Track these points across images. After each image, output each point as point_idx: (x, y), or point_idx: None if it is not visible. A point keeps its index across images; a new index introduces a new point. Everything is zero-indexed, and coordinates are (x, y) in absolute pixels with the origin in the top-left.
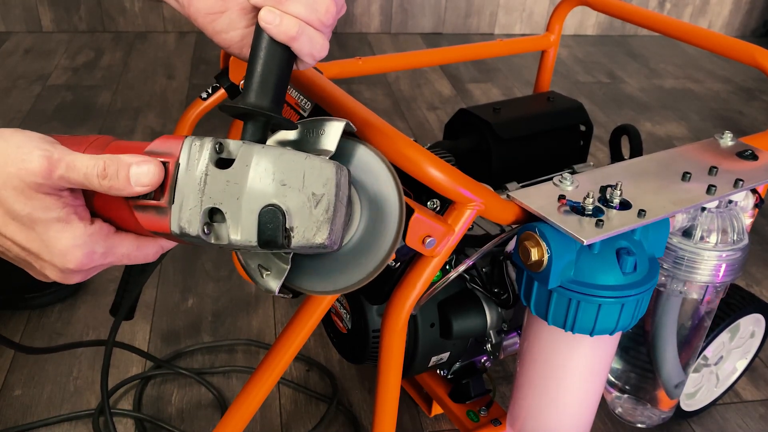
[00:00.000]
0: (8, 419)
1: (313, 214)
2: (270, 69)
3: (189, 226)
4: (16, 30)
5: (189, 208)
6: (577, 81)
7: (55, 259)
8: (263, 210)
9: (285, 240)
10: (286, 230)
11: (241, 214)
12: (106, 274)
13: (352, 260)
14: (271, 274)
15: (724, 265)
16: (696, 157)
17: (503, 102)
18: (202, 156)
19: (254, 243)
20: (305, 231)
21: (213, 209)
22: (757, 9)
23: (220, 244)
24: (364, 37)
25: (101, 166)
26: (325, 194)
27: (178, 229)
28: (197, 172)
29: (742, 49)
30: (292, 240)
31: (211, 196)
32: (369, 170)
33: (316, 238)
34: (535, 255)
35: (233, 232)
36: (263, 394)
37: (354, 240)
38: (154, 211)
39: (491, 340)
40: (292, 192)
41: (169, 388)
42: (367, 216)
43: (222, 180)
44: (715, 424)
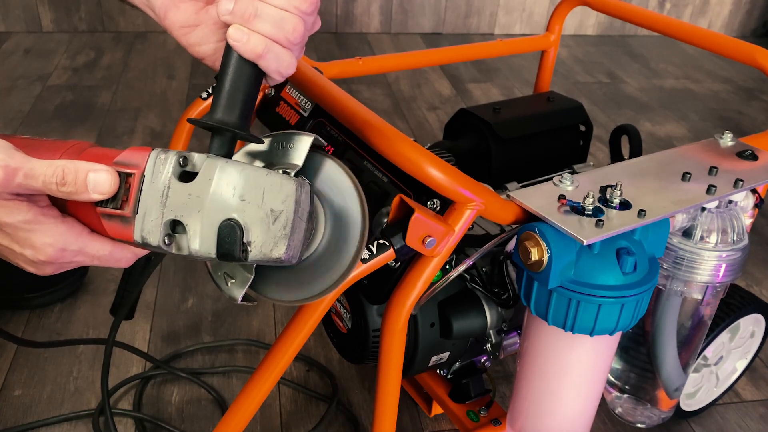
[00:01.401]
0: (8, 419)
1: (270, 229)
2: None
3: (150, 237)
4: (16, 30)
5: (151, 219)
6: (577, 81)
7: (26, 252)
8: (222, 224)
9: (242, 254)
10: (244, 244)
11: (201, 226)
12: (106, 274)
13: (315, 271)
14: (235, 282)
15: (724, 265)
16: (696, 157)
17: (503, 102)
18: (166, 169)
19: (213, 255)
20: (262, 246)
21: (175, 221)
22: (757, 9)
23: (180, 254)
24: (364, 37)
25: (60, 173)
26: (283, 210)
27: (140, 238)
28: (160, 184)
29: (742, 49)
30: (249, 254)
31: (172, 208)
32: (335, 185)
33: (273, 252)
34: (535, 255)
35: (193, 244)
36: (263, 394)
37: (318, 251)
38: (119, 219)
39: (491, 340)
40: (251, 207)
41: (169, 388)
42: (331, 229)
43: (184, 193)
44: (715, 424)
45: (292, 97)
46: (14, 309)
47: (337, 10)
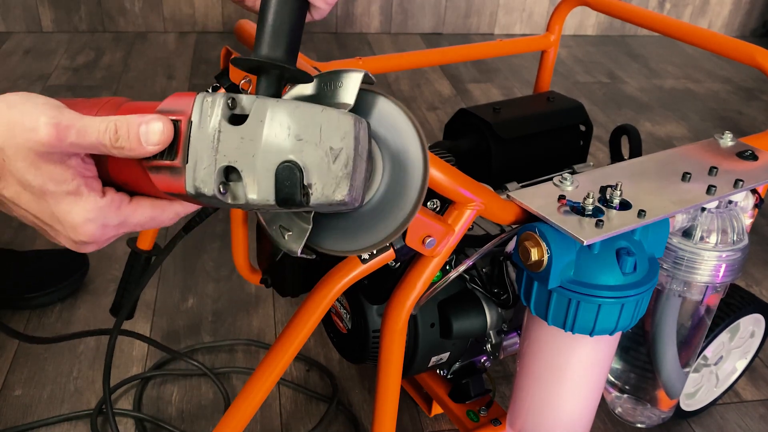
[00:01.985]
0: (8, 419)
1: (331, 169)
2: (282, 18)
3: (204, 186)
4: (16, 30)
5: (203, 168)
6: (577, 81)
7: (67, 232)
8: (280, 167)
9: (303, 197)
10: (304, 187)
11: (257, 171)
12: (106, 274)
13: (375, 218)
14: (292, 234)
15: (724, 265)
16: (696, 158)
17: (503, 102)
18: (215, 113)
19: (272, 202)
20: (324, 187)
21: (228, 167)
22: (756, 9)
23: (237, 203)
24: (364, 37)
25: (113, 128)
26: (343, 148)
27: (193, 189)
28: (210, 129)
29: (741, 49)
30: (310, 197)
31: (225, 154)
32: (390, 123)
33: (335, 194)
34: (535, 255)
35: (250, 191)
36: (263, 394)
37: (377, 197)
38: (168, 171)
39: (491, 340)
40: (309, 147)
41: (169, 388)
42: (390, 172)
43: (236, 137)
44: (715, 424)
45: None
46: (14, 309)
47: (337, 10)
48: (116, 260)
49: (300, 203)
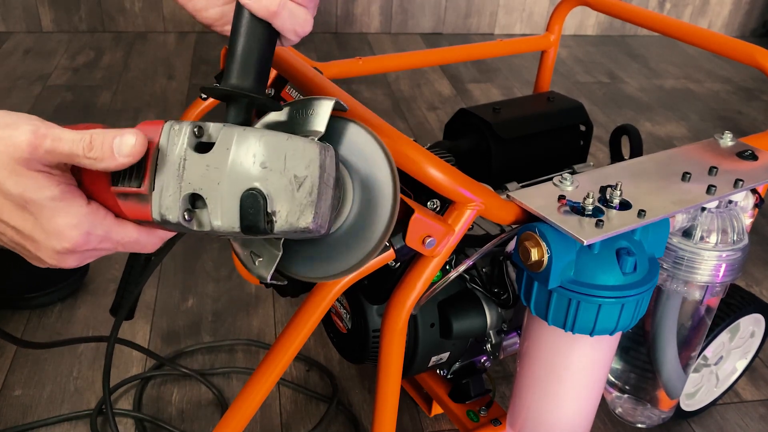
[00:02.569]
0: (8, 419)
1: (295, 197)
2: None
3: (169, 214)
4: (16, 30)
5: (169, 195)
6: (577, 81)
7: (51, 240)
8: (244, 195)
9: (267, 225)
10: (268, 215)
11: (222, 199)
12: (106, 274)
13: (345, 245)
14: (263, 260)
15: (724, 265)
16: (696, 158)
17: (503, 102)
18: (181, 141)
19: (237, 229)
20: (288, 215)
21: (194, 195)
22: (756, 9)
23: (202, 230)
24: (364, 37)
25: (87, 139)
26: (308, 176)
27: (159, 216)
28: (175, 157)
29: (742, 49)
30: (274, 225)
31: (190, 181)
32: (361, 150)
33: (299, 222)
34: (535, 255)
35: (214, 218)
36: (263, 394)
37: (347, 223)
38: (135, 198)
39: (491, 340)
40: (274, 175)
41: (169, 388)
42: (360, 198)
43: (202, 165)
44: (715, 424)
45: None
46: (14, 309)
47: (337, 10)
48: (116, 260)
49: (264, 231)
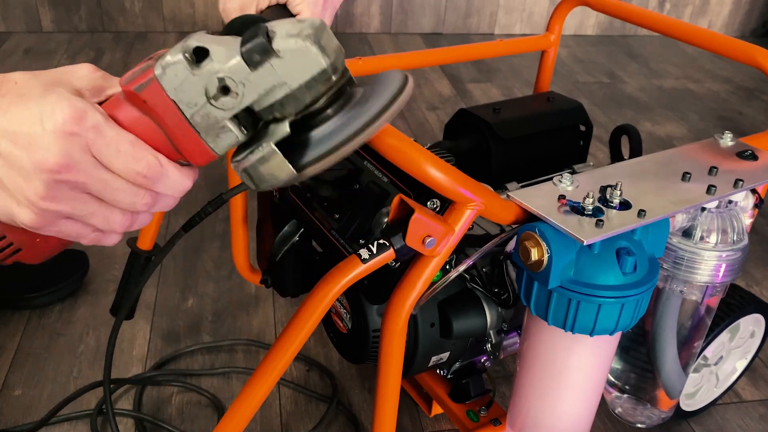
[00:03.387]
0: (8, 419)
1: (295, 23)
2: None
3: (170, 56)
4: (16, 30)
5: (172, 50)
6: (577, 81)
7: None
8: (245, 32)
9: (266, 39)
10: (268, 33)
11: (225, 44)
12: (106, 274)
13: (346, 121)
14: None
15: (724, 265)
16: (696, 158)
17: (503, 102)
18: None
19: (237, 57)
20: (288, 30)
21: (199, 48)
22: (756, 9)
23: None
24: (364, 37)
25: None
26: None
27: (160, 66)
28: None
29: (741, 49)
30: (274, 39)
31: (195, 40)
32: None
33: (300, 34)
34: (535, 255)
35: (216, 59)
36: (263, 394)
37: (355, 99)
38: (140, 71)
39: (491, 340)
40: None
41: (169, 388)
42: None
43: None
44: (715, 424)
45: None
46: (14, 309)
47: (338, 10)
48: (116, 260)
49: (264, 46)
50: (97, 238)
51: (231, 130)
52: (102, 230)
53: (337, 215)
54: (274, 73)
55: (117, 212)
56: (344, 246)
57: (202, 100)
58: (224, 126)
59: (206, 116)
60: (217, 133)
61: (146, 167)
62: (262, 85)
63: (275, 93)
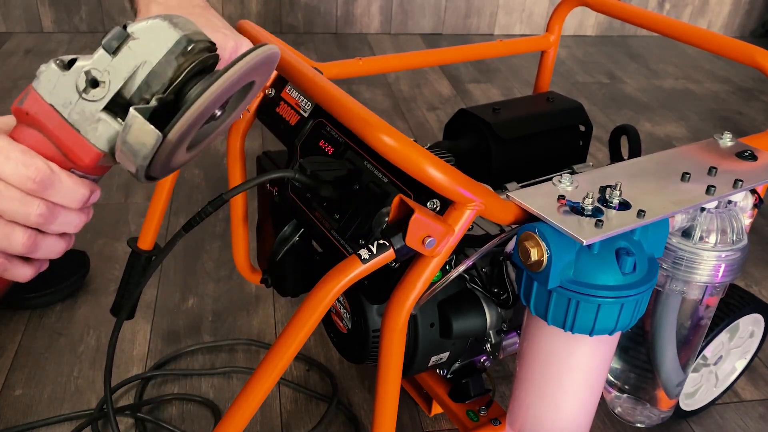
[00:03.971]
0: (8, 419)
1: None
2: None
3: (44, 66)
4: (16, 30)
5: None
6: (577, 81)
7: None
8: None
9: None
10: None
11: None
12: (107, 274)
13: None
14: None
15: (724, 265)
16: (695, 158)
17: (503, 102)
18: None
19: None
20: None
21: (70, 61)
22: (756, 9)
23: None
24: (364, 37)
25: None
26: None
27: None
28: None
29: (741, 49)
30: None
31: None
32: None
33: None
34: (534, 255)
35: (81, 59)
36: (263, 394)
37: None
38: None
39: (491, 340)
40: None
41: (169, 388)
42: None
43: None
44: (715, 423)
45: (292, 97)
46: (14, 309)
47: (337, 11)
48: (116, 260)
49: (119, 33)
50: (2, 267)
51: (106, 120)
52: (3, 252)
53: (337, 215)
54: (133, 54)
55: (17, 229)
56: (344, 246)
57: (75, 96)
58: (99, 118)
59: (82, 112)
60: (95, 126)
61: (36, 171)
62: (125, 68)
63: (139, 74)
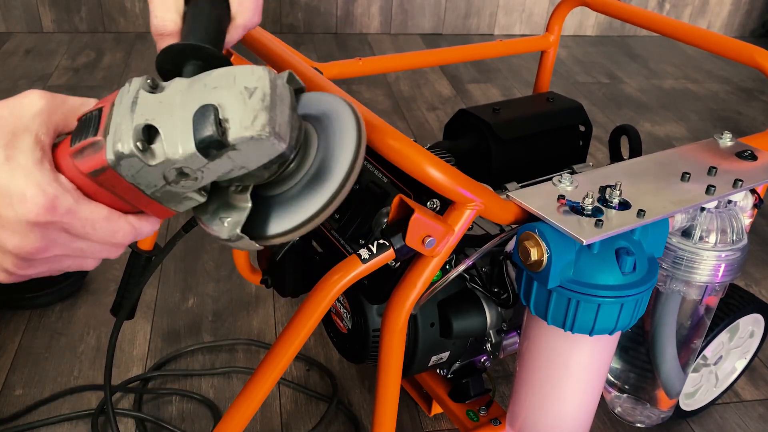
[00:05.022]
0: (8, 419)
1: (247, 103)
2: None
3: (122, 145)
4: (17, 30)
5: (122, 130)
6: (577, 81)
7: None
8: (196, 112)
9: (221, 134)
10: (220, 122)
11: (175, 125)
12: (107, 274)
13: (311, 190)
14: (231, 219)
15: (723, 265)
16: (695, 158)
17: (503, 102)
18: (133, 87)
19: (192, 149)
20: (242, 120)
21: (147, 127)
22: (756, 9)
23: (158, 162)
24: (364, 37)
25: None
26: (258, 87)
27: (112, 153)
28: (128, 99)
29: (741, 49)
30: (228, 132)
31: (142, 113)
32: (325, 107)
33: (255, 124)
34: (534, 255)
35: (169, 145)
36: (263, 394)
37: (311, 171)
38: (91, 149)
39: (491, 340)
40: (223, 90)
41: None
42: (324, 146)
43: (155, 101)
44: (715, 423)
45: None
46: (14, 309)
47: (337, 11)
48: (117, 260)
49: (218, 142)
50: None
51: (193, 198)
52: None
53: (337, 215)
54: (231, 161)
55: (89, 260)
56: (344, 246)
57: (161, 183)
58: (187, 197)
59: (167, 193)
60: (180, 201)
61: (122, 237)
62: (220, 170)
63: (234, 173)
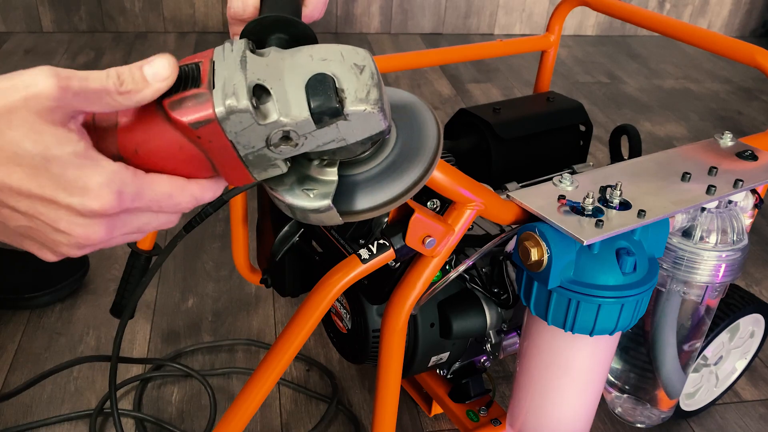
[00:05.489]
0: (8, 419)
1: (360, 78)
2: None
3: (236, 100)
4: (16, 30)
5: (233, 83)
6: (577, 81)
7: (77, 198)
8: (310, 79)
9: (338, 103)
10: (338, 92)
11: (286, 90)
12: (107, 274)
13: (393, 173)
14: (318, 191)
15: (724, 265)
16: (696, 158)
17: (503, 102)
18: (236, 47)
19: (305, 114)
20: (357, 91)
21: (258, 87)
22: (756, 9)
23: (267, 122)
24: (364, 37)
25: (114, 74)
26: (366, 66)
27: (223, 106)
28: (234, 56)
29: (741, 49)
30: (345, 102)
31: (254, 71)
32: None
33: (370, 97)
34: (534, 255)
35: (282, 107)
36: (263, 394)
37: (391, 157)
38: (193, 99)
39: (491, 340)
40: (334, 63)
41: (169, 388)
42: (404, 136)
43: (262, 63)
44: (715, 423)
45: None
46: (14, 309)
47: (337, 10)
48: (116, 260)
49: (336, 110)
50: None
51: (278, 166)
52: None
53: None
54: (337, 131)
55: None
56: (344, 246)
57: (261, 144)
58: (274, 164)
59: (260, 157)
60: (265, 167)
61: (186, 208)
62: (323, 139)
63: (331, 145)
